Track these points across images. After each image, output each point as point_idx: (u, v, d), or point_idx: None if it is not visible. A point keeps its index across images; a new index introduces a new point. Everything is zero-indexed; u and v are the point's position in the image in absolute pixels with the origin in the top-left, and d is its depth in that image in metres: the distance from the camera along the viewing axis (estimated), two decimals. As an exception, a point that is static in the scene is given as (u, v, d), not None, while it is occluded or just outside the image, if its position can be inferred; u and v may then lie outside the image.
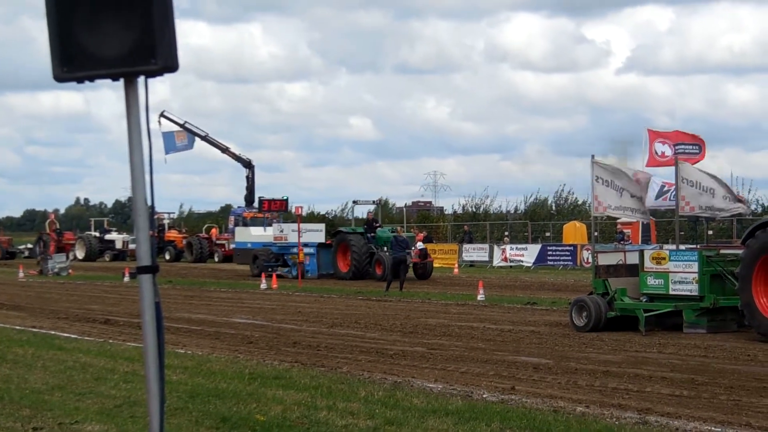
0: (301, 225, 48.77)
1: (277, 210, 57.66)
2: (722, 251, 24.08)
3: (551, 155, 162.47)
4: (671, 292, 23.17)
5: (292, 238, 48.69)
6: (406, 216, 77.78)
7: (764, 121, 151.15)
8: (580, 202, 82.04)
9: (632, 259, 24.37)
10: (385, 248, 45.56)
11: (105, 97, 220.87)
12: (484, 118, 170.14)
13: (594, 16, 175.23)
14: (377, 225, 48.96)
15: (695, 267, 22.83)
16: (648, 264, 23.58)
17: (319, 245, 49.59)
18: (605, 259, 24.87)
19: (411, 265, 45.80)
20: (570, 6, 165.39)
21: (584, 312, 23.57)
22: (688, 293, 22.92)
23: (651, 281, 23.54)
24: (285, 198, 57.67)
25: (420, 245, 47.61)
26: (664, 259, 23.43)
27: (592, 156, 24.48)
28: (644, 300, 23.55)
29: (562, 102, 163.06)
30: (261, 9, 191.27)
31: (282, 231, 49.68)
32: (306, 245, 48.82)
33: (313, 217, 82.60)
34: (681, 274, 23.05)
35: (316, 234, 50.68)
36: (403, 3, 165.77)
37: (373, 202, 54.74)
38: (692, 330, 22.58)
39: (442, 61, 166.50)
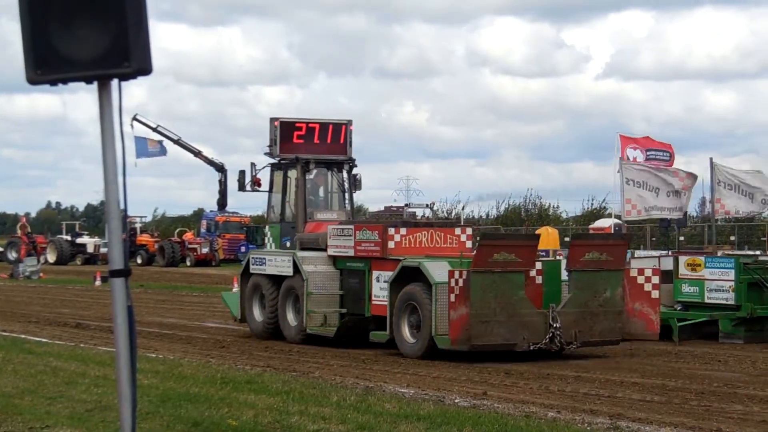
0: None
1: None
2: (761, 258, 23.14)
3: (527, 160, 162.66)
4: (707, 301, 22.16)
5: None
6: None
7: (740, 127, 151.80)
8: (546, 207, 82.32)
9: (666, 264, 22.96)
10: None
11: (82, 100, 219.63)
12: (461, 123, 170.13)
13: (578, 21, 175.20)
14: None
15: (732, 275, 21.80)
16: (683, 270, 22.46)
17: None
18: (638, 265, 23.17)
19: None
20: (553, 11, 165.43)
21: None
22: (725, 302, 21.94)
23: (686, 289, 22.46)
24: None
25: None
26: (699, 265, 22.29)
27: (620, 158, 23.62)
28: (678, 308, 22.49)
29: (540, 107, 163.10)
30: (243, 12, 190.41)
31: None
32: None
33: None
34: (717, 281, 21.98)
35: None
36: (388, 7, 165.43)
37: (426, 205, 51.86)
38: (728, 340, 21.71)
39: (422, 66, 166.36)
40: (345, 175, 24.61)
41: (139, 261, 68.70)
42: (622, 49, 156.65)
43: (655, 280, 19.85)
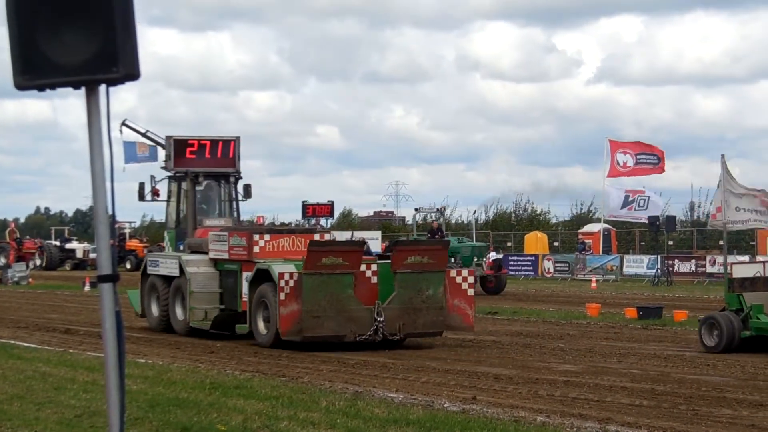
0: (356, 233, 46.52)
1: (322, 215, 56.14)
2: None
3: (517, 165, 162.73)
4: None
5: None
6: (368, 226, 77.71)
7: (730, 131, 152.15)
8: (538, 212, 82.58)
9: None
10: (453, 259, 42.20)
11: (72, 105, 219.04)
12: (451, 127, 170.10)
13: (569, 26, 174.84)
14: (441, 234, 44.91)
15: None
16: None
17: (376, 257, 45.21)
18: (740, 271, 22.21)
19: (478, 277, 42.33)
20: (544, 16, 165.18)
21: (715, 331, 20.89)
22: None
23: None
24: (330, 202, 56.30)
25: (494, 255, 44.82)
26: None
27: (722, 156, 22.52)
28: None
29: (530, 112, 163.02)
30: (233, 17, 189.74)
31: (335, 239, 46.11)
32: None
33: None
34: None
35: (372, 243, 47.95)
36: (378, 11, 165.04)
37: (437, 209, 50.92)
38: None
39: (413, 70, 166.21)
40: (232, 185, 27.67)
41: (128, 266, 68.53)
42: (613, 54, 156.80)
43: (471, 280, 22.61)
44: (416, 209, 52.09)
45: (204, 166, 26.96)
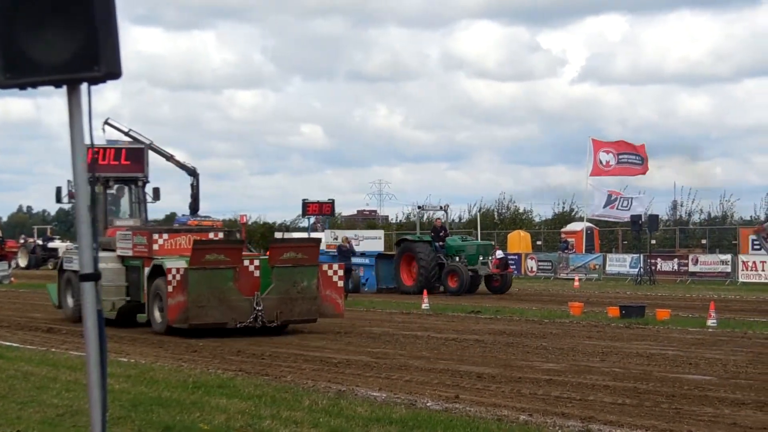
0: (360, 232, 46.92)
1: (323, 214, 55.96)
2: None
3: (501, 164, 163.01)
4: None
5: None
6: (351, 224, 77.66)
7: (713, 130, 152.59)
8: (521, 211, 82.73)
9: None
10: (458, 258, 42.67)
11: (55, 104, 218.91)
12: (435, 126, 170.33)
13: (554, 25, 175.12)
14: (445, 233, 44.52)
15: None
16: None
17: (379, 256, 45.58)
18: None
19: (483, 276, 43.09)
20: (529, 15, 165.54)
21: None
22: None
23: None
24: (331, 201, 56.11)
25: (499, 254, 44.62)
26: None
27: None
28: None
29: (515, 111, 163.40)
30: (218, 16, 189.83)
31: (336, 238, 46.24)
32: (363, 255, 45.02)
33: (259, 227, 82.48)
34: None
35: (374, 242, 47.82)
36: (363, 10, 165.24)
37: (440, 207, 51.10)
38: None
39: (397, 69, 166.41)
40: (140, 189, 30.61)
41: (110, 265, 68.29)
42: (598, 53, 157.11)
43: (341, 273, 25.55)
44: (419, 207, 51.88)
45: (114, 172, 29.85)
